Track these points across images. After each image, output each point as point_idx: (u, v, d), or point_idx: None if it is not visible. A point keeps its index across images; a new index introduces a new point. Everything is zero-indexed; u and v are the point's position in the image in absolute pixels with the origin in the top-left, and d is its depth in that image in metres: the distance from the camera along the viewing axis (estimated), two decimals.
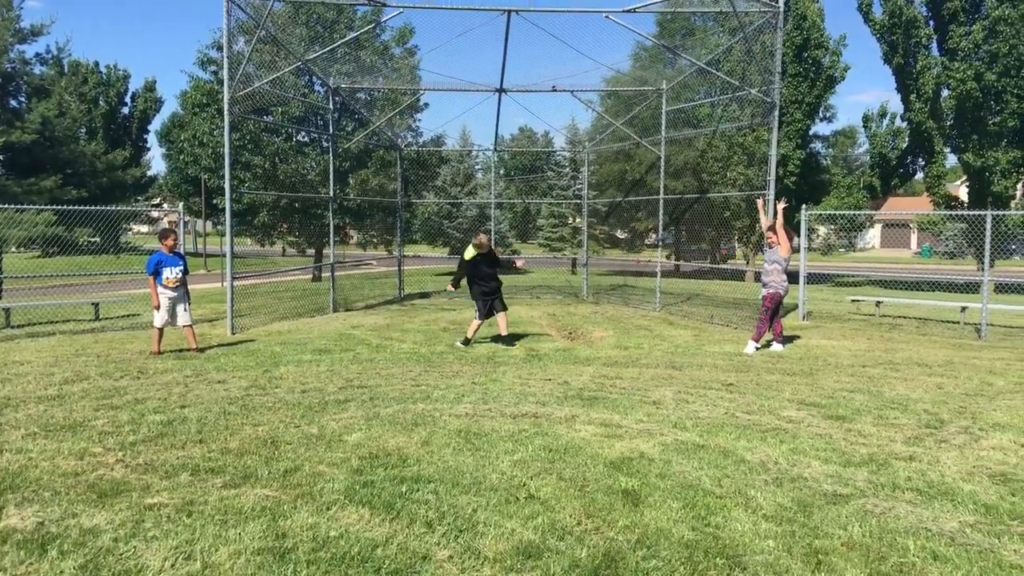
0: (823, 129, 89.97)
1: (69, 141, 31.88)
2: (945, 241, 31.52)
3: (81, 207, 11.26)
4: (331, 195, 14.36)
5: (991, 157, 23.41)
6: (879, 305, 13.36)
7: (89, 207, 11.22)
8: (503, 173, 50.83)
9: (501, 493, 3.83)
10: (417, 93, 18.57)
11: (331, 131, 15.11)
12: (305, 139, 22.49)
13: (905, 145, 27.57)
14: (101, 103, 46.41)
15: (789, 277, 9.48)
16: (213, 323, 11.19)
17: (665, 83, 14.57)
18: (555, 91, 14.55)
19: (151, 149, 75.27)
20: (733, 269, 26.04)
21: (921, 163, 27.35)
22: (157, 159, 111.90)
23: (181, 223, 13.07)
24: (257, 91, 11.37)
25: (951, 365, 8.16)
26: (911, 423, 5.42)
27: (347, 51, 15.98)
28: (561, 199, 29.68)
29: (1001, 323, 12.24)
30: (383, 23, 19.55)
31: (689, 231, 31.22)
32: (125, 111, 48.34)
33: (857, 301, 14.35)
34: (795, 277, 11.47)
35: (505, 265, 10.28)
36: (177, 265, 8.54)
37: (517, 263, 11.80)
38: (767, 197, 11.06)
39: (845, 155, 49.64)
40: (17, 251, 22.80)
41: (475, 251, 9.46)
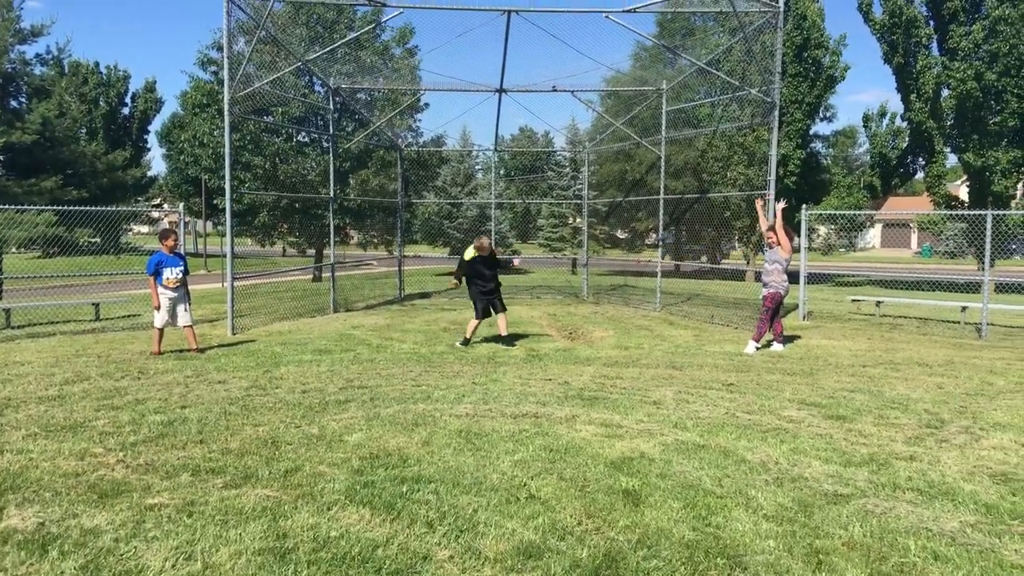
0: (823, 129, 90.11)
1: (69, 142, 31.88)
2: (945, 241, 31.48)
3: (81, 208, 11.25)
4: (331, 195, 14.37)
5: (991, 157, 23.41)
6: (879, 305, 13.36)
7: (89, 207, 11.21)
8: (503, 173, 50.84)
9: (502, 493, 3.83)
10: (417, 93, 18.57)
11: (331, 131, 15.12)
12: (305, 139, 22.50)
13: (905, 145, 27.58)
14: (101, 103, 46.46)
15: (789, 277, 9.49)
16: (213, 323, 11.19)
17: (665, 83, 14.57)
18: (555, 91, 14.55)
19: (151, 149, 75.47)
20: (733, 269, 26.02)
21: (921, 163, 27.36)
22: (157, 159, 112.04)
23: (181, 223, 13.07)
24: (257, 91, 11.38)
25: (952, 365, 8.15)
26: (912, 423, 5.42)
27: (347, 51, 15.98)
28: (561, 199, 29.66)
29: (1002, 323, 12.24)
30: (383, 23, 19.57)
31: (689, 231, 31.20)
32: (125, 111, 48.40)
33: (857, 301, 14.34)
34: (795, 277, 11.47)
35: (503, 265, 10.31)
36: (177, 265, 8.55)
37: (514, 262, 11.83)
38: (767, 197, 11.05)
39: (845, 155, 49.64)
40: (18, 252, 22.80)
41: (475, 252, 9.52)
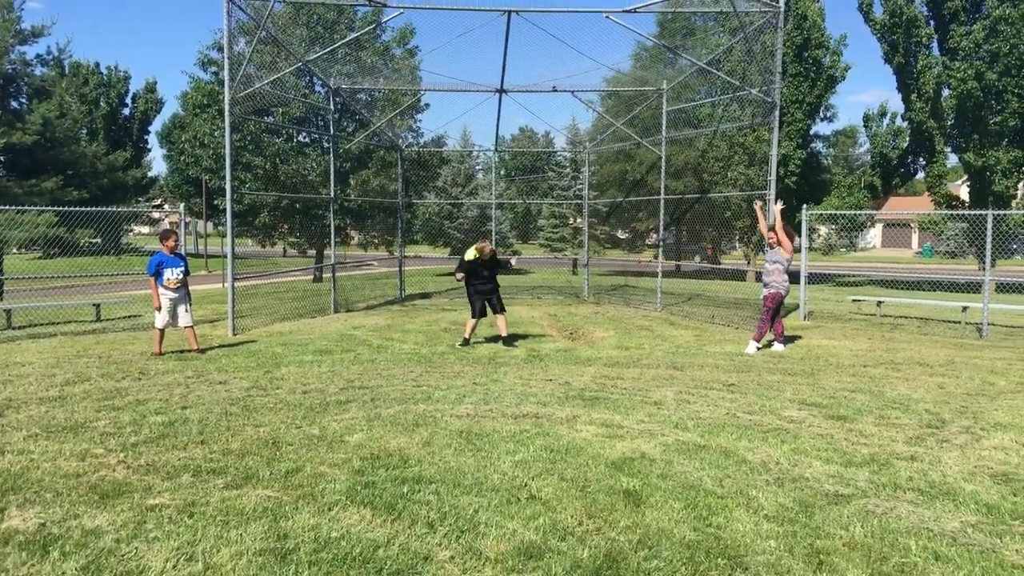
0: (824, 129, 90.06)
1: (70, 142, 31.86)
2: (946, 241, 31.48)
3: (82, 208, 11.28)
4: (332, 196, 14.38)
5: (992, 156, 23.41)
6: (880, 305, 13.35)
7: (90, 208, 11.24)
8: (504, 173, 50.86)
9: (502, 494, 3.83)
10: (418, 94, 18.57)
11: (332, 132, 15.12)
12: (306, 140, 22.52)
13: (906, 145, 27.58)
14: (102, 104, 46.48)
15: (790, 277, 9.48)
16: (214, 324, 11.19)
17: (666, 83, 14.57)
18: (555, 91, 14.55)
19: (152, 150, 75.32)
20: (734, 269, 26.00)
21: (922, 163, 27.35)
22: (158, 160, 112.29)
23: (182, 224, 13.09)
24: (258, 92, 11.39)
25: (952, 365, 8.15)
26: (912, 423, 5.41)
27: (348, 52, 15.99)
28: (562, 199, 29.68)
29: (1002, 323, 12.23)
30: (383, 24, 19.58)
31: (690, 231, 31.22)
32: (126, 112, 48.41)
33: (858, 301, 14.34)
34: (796, 277, 11.47)
35: (503, 266, 10.35)
36: (178, 266, 8.56)
37: (511, 262, 11.84)
38: (767, 198, 11.05)
39: (846, 155, 49.69)
40: (18, 252, 22.83)
41: (476, 255, 9.55)
